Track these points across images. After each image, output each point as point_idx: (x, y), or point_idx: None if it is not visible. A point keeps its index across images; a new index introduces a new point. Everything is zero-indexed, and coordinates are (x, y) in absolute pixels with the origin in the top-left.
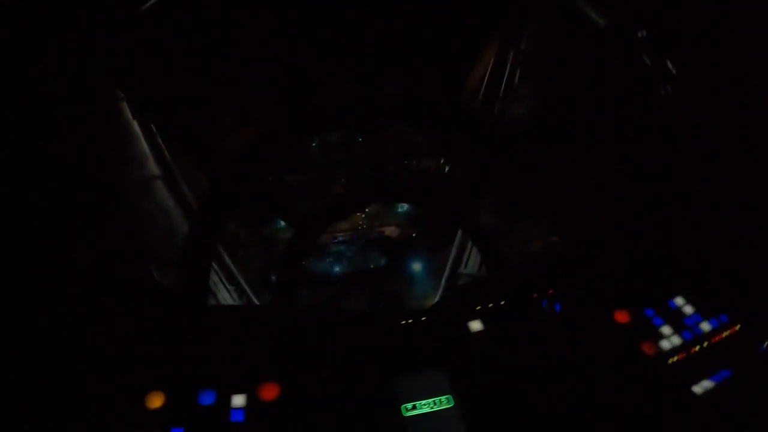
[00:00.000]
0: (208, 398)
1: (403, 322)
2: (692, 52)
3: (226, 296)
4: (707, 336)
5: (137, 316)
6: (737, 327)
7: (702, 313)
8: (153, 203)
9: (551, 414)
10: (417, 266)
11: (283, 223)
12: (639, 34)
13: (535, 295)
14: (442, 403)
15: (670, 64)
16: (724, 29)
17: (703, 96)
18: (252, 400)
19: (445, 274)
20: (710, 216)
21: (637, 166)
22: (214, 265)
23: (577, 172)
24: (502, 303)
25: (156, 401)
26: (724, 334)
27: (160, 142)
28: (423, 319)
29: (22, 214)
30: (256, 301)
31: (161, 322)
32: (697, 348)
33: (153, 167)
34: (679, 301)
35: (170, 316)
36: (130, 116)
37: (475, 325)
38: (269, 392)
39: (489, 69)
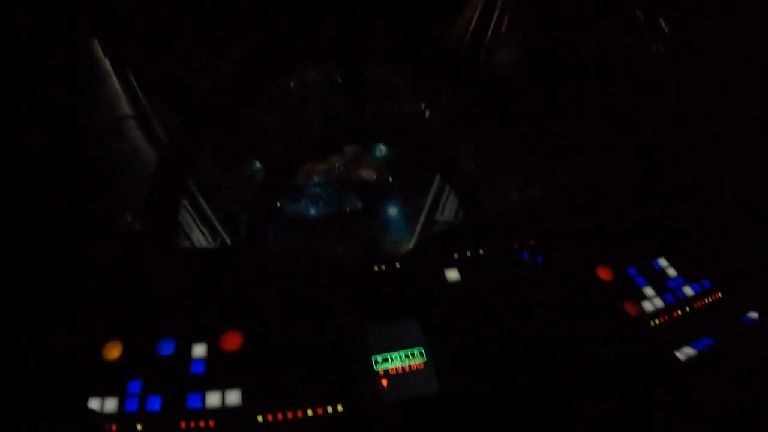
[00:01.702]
0: (167, 348)
1: (377, 268)
2: (688, 11)
3: (200, 238)
4: (689, 301)
5: (96, 259)
6: (719, 295)
7: (684, 277)
8: (125, 144)
9: (528, 370)
10: (393, 211)
11: (259, 165)
12: None
13: (515, 246)
14: (416, 356)
15: (663, 22)
16: None
17: (695, 55)
18: (213, 351)
19: (421, 219)
20: (701, 181)
21: (626, 125)
22: (187, 206)
23: (562, 126)
24: (481, 252)
25: (114, 352)
26: (706, 301)
27: (133, 81)
28: (398, 265)
29: None
30: (229, 243)
31: (121, 265)
32: (680, 312)
33: (125, 107)
34: (662, 262)
35: (131, 258)
36: (101, 54)
37: (452, 274)
38: (231, 342)
39: (477, 14)
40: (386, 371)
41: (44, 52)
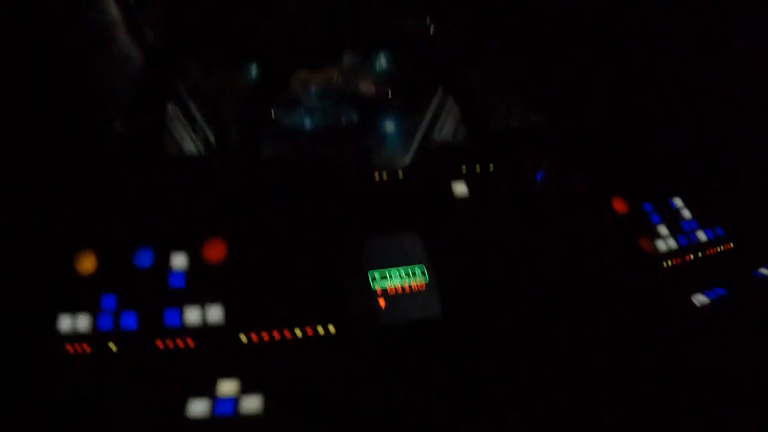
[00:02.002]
0: (144, 259)
1: (377, 177)
2: None
3: (190, 147)
4: (702, 246)
5: (74, 165)
6: (731, 245)
7: (699, 221)
8: (114, 50)
9: (535, 295)
10: (390, 126)
11: (254, 74)
12: None
13: (529, 165)
14: (416, 274)
15: None
16: None
17: None
18: (194, 262)
19: (418, 137)
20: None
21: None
22: (178, 112)
23: (576, 51)
24: (491, 168)
25: (87, 263)
26: (719, 249)
27: None
28: (400, 175)
29: None
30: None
31: (99, 170)
32: (692, 257)
33: (113, 11)
34: (678, 202)
35: (110, 163)
36: None
37: (460, 189)
38: (214, 252)
39: None
40: (384, 290)
41: None
